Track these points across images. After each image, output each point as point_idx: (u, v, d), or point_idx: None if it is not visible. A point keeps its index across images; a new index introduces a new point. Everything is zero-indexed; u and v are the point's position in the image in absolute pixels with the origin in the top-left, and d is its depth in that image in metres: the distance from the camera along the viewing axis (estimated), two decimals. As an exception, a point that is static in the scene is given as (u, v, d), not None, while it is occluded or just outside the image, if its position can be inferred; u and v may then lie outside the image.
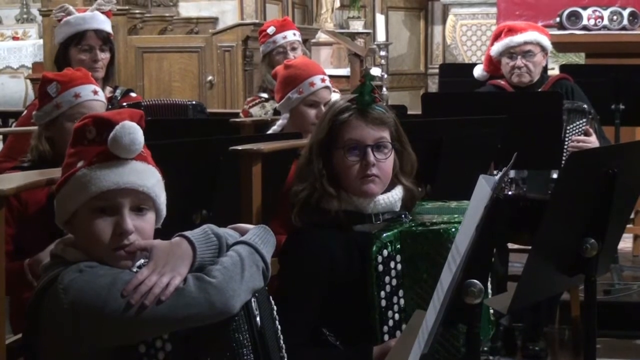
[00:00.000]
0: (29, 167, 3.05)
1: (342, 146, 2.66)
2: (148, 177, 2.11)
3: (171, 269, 2.01)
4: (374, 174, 2.64)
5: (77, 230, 2.11)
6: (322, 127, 2.72)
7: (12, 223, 2.94)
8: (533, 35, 4.69)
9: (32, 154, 3.11)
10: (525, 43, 4.66)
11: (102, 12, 4.20)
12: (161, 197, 2.15)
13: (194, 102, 4.78)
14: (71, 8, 4.22)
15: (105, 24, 4.18)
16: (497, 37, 4.79)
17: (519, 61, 4.66)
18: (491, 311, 2.70)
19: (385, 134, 2.68)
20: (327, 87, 3.73)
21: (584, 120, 4.45)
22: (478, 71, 4.98)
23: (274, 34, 4.95)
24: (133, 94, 4.46)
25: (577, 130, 4.43)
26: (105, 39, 4.16)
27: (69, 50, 4.14)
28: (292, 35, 4.97)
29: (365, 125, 2.66)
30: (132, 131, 2.08)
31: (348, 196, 2.66)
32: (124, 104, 4.14)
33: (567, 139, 4.42)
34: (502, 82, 4.77)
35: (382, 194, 2.68)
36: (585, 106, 4.47)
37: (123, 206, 2.07)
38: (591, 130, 4.45)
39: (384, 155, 2.67)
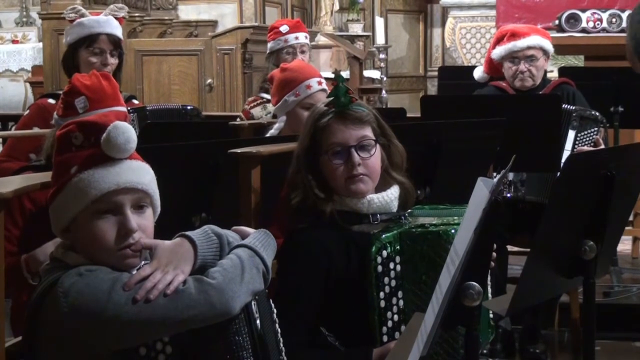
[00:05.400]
0: (40, 168, 3.03)
1: (326, 151, 2.67)
2: (144, 174, 2.12)
3: (174, 267, 2.02)
4: (360, 173, 2.65)
5: (78, 236, 2.11)
6: (305, 135, 2.73)
7: (20, 224, 2.95)
8: (536, 39, 4.68)
9: (44, 155, 3.08)
10: (529, 48, 4.66)
11: (116, 18, 4.21)
12: (157, 193, 2.16)
13: (190, 107, 4.77)
14: (84, 10, 4.22)
15: (117, 30, 4.19)
16: (499, 40, 4.78)
17: (522, 66, 4.66)
18: (491, 315, 2.70)
19: (367, 132, 2.69)
20: (323, 90, 3.74)
21: (596, 128, 4.45)
22: (478, 73, 4.99)
23: (287, 33, 4.95)
24: (135, 101, 4.47)
25: (588, 139, 4.43)
26: (116, 44, 4.16)
27: (78, 52, 4.14)
28: (303, 38, 4.98)
29: (346, 127, 2.67)
30: (126, 130, 2.09)
31: (340, 198, 2.67)
32: (128, 108, 4.14)
33: (576, 146, 4.42)
34: (504, 84, 4.77)
35: (377, 193, 2.68)
36: (598, 114, 4.47)
37: (124, 205, 2.08)
38: (601, 141, 4.45)
39: (368, 153, 2.67)
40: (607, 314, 4.71)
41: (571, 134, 4.42)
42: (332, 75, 4.16)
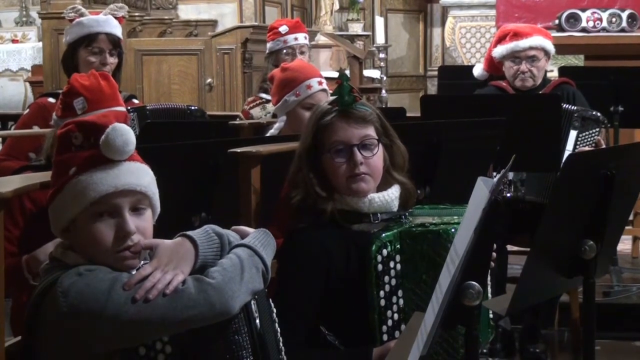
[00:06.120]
0: (40, 168, 3.03)
1: (329, 149, 2.67)
2: (143, 176, 2.12)
3: (174, 267, 2.02)
4: (362, 172, 2.65)
5: (77, 236, 2.11)
6: (307, 133, 2.73)
7: (20, 224, 2.94)
8: (538, 40, 4.69)
9: (44, 155, 3.07)
10: (531, 48, 4.66)
11: (115, 17, 4.21)
12: (156, 194, 2.16)
13: (195, 107, 4.76)
14: (83, 10, 4.22)
15: (117, 29, 4.19)
16: (501, 39, 4.78)
17: (524, 66, 4.66)
18: (491, 315, 2.70)
19: (370, 131, 2.69)
20: (324, 90, 3.73)
21: (597, 129, 4.45)
22: (478, 70, 4.99)
23: (286, 33, 4.95)
24: (135, 100, 4.46)
25: (589, 139, 4.43)
26: (115, 44, 4.16)
27: (77, 51, 4.14)
28: (303, 39, 4.99)
29: (348, 126, 2.67)
30: (124, 132, 2.08)
31: (341, 197, 2.67)
32: (128, 107, 4.14)
33: (578, 146, 4.42)
34: (504, 84, 4.77)
35: (378, 192, 2.68)
36: (599, 115, 4.47)
37: (123, 208, 2.08)
38: (602, 142, 4.46)
39: (370, 152, 2.67)
40: (607, 313, 4.71)
41: (572, 134, 4.42)
42: (333, 75, 4.15)
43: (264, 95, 4.84)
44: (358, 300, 2.55)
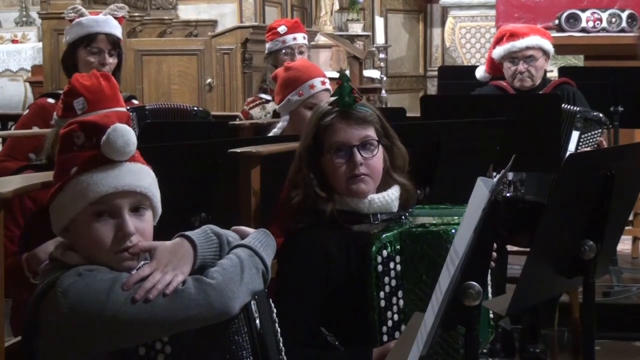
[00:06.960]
0: (40, 167, 3.02)
1: (329, 150, 2.68)
2: (144, 177, 2.12)
3: (173, 267, 2.02)
4: (362, 173, 2.66)
5: (77, 236, 2.11)
6: (307, 133, 2.73)
7: (21, 223, 2.94)
8: (535, 39, 4.69)
9: (45, 155, 3.07)
10: (527, 48, 4.66)
11: (115, 18, 4.21)
12: (157, 195, 2.15)
13: (200, 109, 4.75)
14: (83, 10, 4.22)
15: (116, 29, 4.18)
16: (499, 40, 4.79)
17: (521, 66, 4.67)
18: (491, 315, 2.70)
19: (370, 132, 2.69)
20: (327, 90, 3.73)
21: (599, 130, 4.45)
22: (480, 72, 4.99)
23: (285, 33, 4.95)
24: (135, 101, 4.46)
25: (591, 140, 4.44)
26: (115, 44, 4.16)
27: (77, 51, 4.14)
28: (301, 38, 4.98)
29: (349, 127, 2.68)
30: (125, 133, 2.08)
31: (341, 197, 2.67)
32: (127, 108, 4.14)
33: (580, 147, 4.42)
34: (504, 84, 4.78)
35: (378, 193, 2.69)
36: (602, 116, 4.47)
37: (122, 208, 2.07)
38: (604, 143, 4.46)
39: (370, 153, 2.68)
40: (607, 313, 4.72)
41: (575, 135, 4.42)
42: (333, 75, 4.15)
43: (263, 96, 4.83)
44: (358, 300, 2.55)
